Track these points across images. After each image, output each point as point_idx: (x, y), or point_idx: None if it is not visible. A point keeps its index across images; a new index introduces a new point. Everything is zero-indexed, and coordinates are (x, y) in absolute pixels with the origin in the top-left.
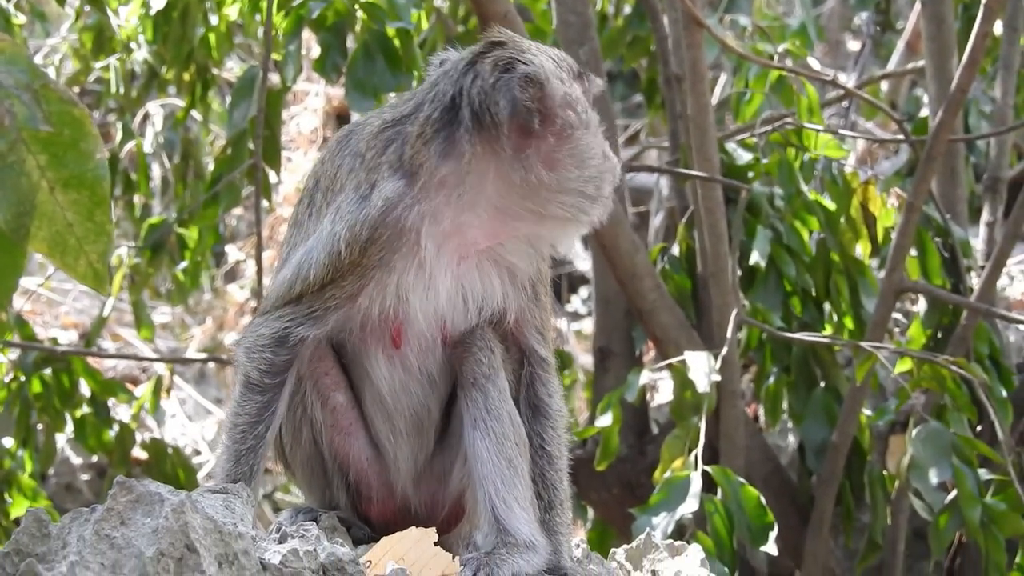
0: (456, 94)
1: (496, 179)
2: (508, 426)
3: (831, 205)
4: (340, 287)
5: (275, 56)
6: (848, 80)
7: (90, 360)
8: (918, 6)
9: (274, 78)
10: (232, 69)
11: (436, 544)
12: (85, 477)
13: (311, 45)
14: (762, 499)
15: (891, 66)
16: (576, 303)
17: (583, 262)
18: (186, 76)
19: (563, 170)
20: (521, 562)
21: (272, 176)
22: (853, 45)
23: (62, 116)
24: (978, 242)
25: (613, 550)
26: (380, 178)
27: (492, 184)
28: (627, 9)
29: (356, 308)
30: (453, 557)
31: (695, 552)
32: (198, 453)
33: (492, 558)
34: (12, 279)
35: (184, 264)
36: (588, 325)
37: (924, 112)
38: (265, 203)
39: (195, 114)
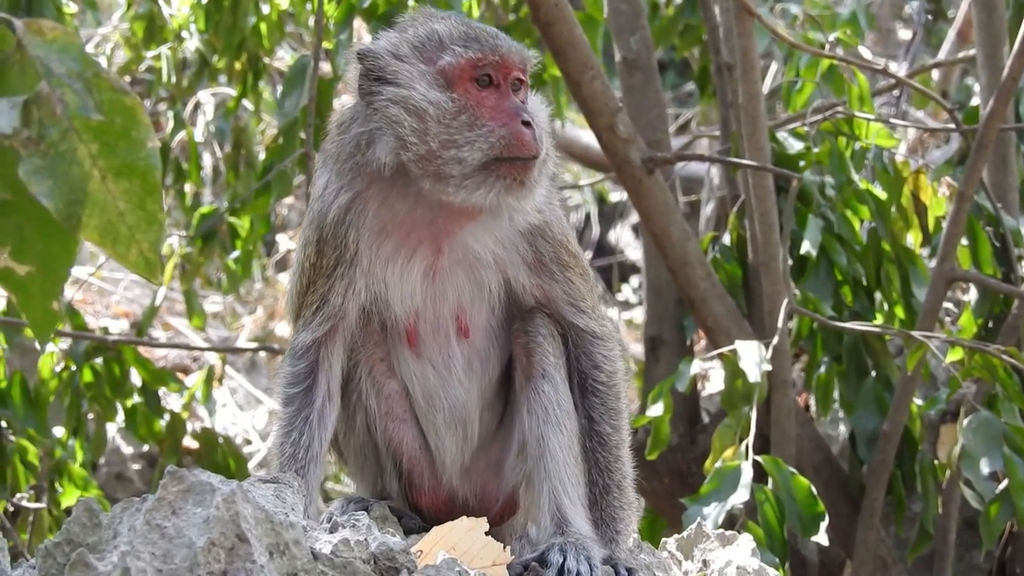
0: None
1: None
2: (574, 420)
3: (882, 194)
4: (314, 292)
5: (326, 45)
6: (899, 69)
7: (141, 349)
8: None
9: (325, 67)
10: (283, 58)
11: (487, 534)
12: (136, 466)
13: (362, 34)
14: (813, 489)
15: (942, 55)
16: (627, 292)
17: (634, 251)
18: (237, 65)
19: (389, 143)
20: (582, 556)
21: None
22: (904, 34)
23: (114, 105)
24: None
25: (664, 539)
26: (318, 174)
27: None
28: None
29: (332, 308)
30: (504, 547)
31: (746, 542)
32: (249, 442)
33: (566, 546)
34: (64, 268)
35: (235, 253)
36: (639, 314)
37: (975, 101)
38: None
39: (246, 103)
